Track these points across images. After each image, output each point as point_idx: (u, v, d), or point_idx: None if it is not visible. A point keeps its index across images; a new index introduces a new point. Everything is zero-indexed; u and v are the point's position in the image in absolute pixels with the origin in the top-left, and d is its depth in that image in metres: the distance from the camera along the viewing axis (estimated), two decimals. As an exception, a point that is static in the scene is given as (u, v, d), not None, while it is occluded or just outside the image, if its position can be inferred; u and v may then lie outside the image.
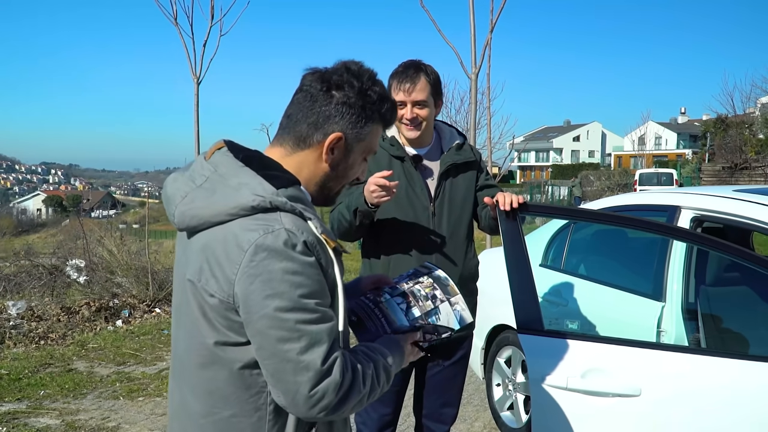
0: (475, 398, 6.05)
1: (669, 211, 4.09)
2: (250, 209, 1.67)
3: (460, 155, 3.44)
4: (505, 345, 5.15)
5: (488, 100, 10.58)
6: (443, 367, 3.58)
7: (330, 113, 1.82)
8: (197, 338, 1.75)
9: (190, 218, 1.74)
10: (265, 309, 1.61)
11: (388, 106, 1.90)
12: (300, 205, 1.72)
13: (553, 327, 4.15)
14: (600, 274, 4.77)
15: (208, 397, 1.77)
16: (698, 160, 41.28)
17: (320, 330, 1.63)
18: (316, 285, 1.66)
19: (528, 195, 42.51)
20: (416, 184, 3.35)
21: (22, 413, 5.72)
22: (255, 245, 1.62)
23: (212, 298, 1.68)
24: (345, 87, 1.82)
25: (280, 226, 1.64)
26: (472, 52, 8.80)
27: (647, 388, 2.93)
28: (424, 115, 3.29)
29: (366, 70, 1.87)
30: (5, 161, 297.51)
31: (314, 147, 1.84)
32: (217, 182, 1.74)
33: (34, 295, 10.47)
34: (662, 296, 3.96)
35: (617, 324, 4.15)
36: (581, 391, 2.98)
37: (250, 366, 1.71)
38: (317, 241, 1.70)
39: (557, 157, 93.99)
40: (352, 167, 1.92)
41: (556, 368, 3.03)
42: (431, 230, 3.35)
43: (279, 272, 1.61)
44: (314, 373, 1.62)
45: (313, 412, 1.65)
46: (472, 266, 3.48)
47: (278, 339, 1.62)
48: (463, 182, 3.45)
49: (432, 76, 3.29)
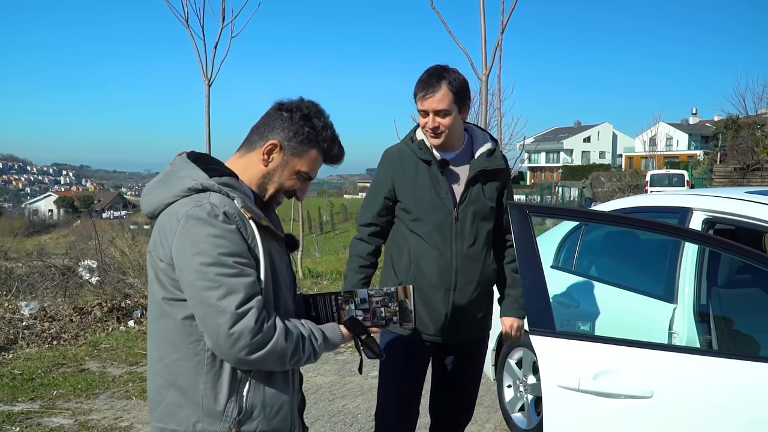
0: (486, 399, 6.05)
1: (680, 213, 4.09)
2: (187, 191, 2.11)
3: (491, 161, 3.45)
4: (516, 346, 5.15)
5: (499, 101, 10.60)
6: (460, 368, 3.64)
7: (274, 125, 2.27)
8: (153, 297, 2.18)
9: (149, 204, 2.20)
10: (192, 264, 2.02)
11: (328, 140, 2.31)
12: (228, 188, 2.14)
13: (565, 328, 4.15)
14: (611, 275, 4.76)
15: (161, 345, 2.18)
16: (710, 161, 41.04)
17: (237, 282, 2.03)
18: (236, 247, 2.05)
19: (538, 196, 42.44)
20: (441, 189, 3.39)
21: (35, 413, 5.76)
22: (186, 215, 2.06)
23: (161, 263, 2.10)
24: (293, 110, 2.28)
25: (207, 201, 2.07)
26: (482, 53, 8.79)
27: (659, 390, 2.92)
28: (447, 123, 3.30)
29: (317, 107, 2.33)
30: (17, 162, 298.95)
31: (257, 150, 2.28)
32: (170, 176, 2.20)
33: (47, 295, 10.53)
34: (674, 298, 3.96)
35: (629, 325, 4.14)
36: (593, 393, 2.97)
37: (190, 317, 2.09)
38: (238, 214, 2.09)
39: (568, 158, 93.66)
40: (288, 178, 2.30)
41: (567, 369, 3.03)
42: (452, 235, 3.40)
43: (203, 235, 2.03)
44: (230, 316, 1.99)
45: (233, 351, 2.02)
46: (489, 272, 3.52)
47: (202, 288, 2.01)
48: (490, 189, 3.47)
49: (456, 83, 3.29)
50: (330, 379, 6.56)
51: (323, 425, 5.54)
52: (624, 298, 4.32)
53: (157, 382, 2.20)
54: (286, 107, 2.29)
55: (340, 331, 2.36)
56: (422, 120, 3.35)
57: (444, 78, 3.27)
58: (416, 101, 3.34)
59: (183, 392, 2.13)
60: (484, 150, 3.45)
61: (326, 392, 6.35)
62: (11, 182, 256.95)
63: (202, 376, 2.11)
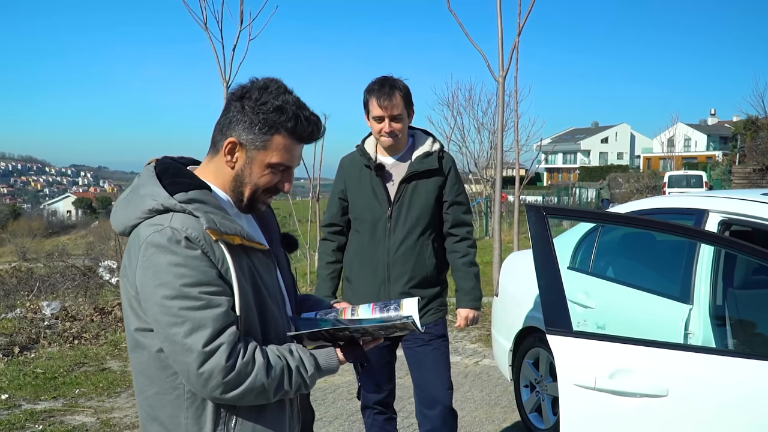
0: (503, 400, 6.09)
1: (697, 215, 4.10)
2: (148, 212, 1.90)
3: (423, 164, 3.76)
4: (533, 347, 5.19)
5: (515, 102, 10.61)
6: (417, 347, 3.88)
7: (231, 119, 1.99)
8: (127, 326, 1.98)
9: (117, 224, 2.01)
10: (154, 297, 1.83)
11: (291, 120, 1.98)
12: (192, 206, 1.89)
13: (581, 328, 4.18)
14: (628, 276, 4.78)
15: (138, 377, 2.00)
16: (728, 162, 40.79)
17: (204, 316, 1.82)
18: (201, 275, 1.84)
19: (555, 198, 42.32)
20: (378, 190, 3.78)
21: (58, 411, 5.86)
22: (146, 242, 1.85)
23: (131, 290, 1.91)
24: (243, 96, 1.99)
25: (167, 225, 1.85)
26: (499, 55, 8.85)
27: (674, 389, 2.95)
28: (399, 127, 3.68)
29: (275, 83, 2.01)
30: (36, 163, 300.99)
31: (221, 152, 2.01)
32: (134, 193, 1.98)
33: (68, 295, 10.66)
34: (690, 299, 3.97)
35: (644, 326, 4.15)
36: (609, 392, 3.01)
37: None
38: (203, 237, 1.86)
39: (585, 159, 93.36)
40: (260, 175, 2.02)
41: (584, 368, 3.07)
42: (386, 232, 3.77)
43: (164, 264, 1.82)
44: (197, 355, 1.81)
45: (206, 391, 1.85)
46: (426, 265, 3.81)
47: (166, 324, 1.83)
48: (425, 189, 3.78)
49: (404, 90, 3.68)
50: (348, 378, 6.61)
51: (341, 424, 5.60)
52: (640, 298, 4.34)
53: (141, 414, 2.05)
54: (237, 94, 2.00)
55: (337, 358, 2.08)
56: (377, 126, 3.69)
57: (396, 87, 3.64)
58: (369, 108, 3.69)
59: (165, 427, 1.97)
60: (420, 153, 3.78)
61: (344, 391, 6.41)
62: (30, 183, 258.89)
63: (183, 411, 1.94)
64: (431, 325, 3.83)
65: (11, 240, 38.40)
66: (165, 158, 2.08)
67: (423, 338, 3.80)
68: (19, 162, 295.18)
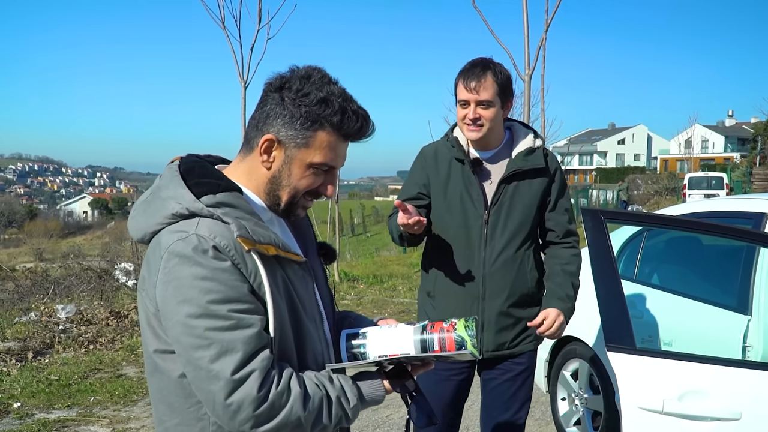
0: (536, 411, 5.82)
1: (755, 219, 3.86)
2: (171, 217, 1.66)
3: (527, 161, 3.17)
4: (572, 357, 4.91)
5: (542, 102, 10.35)
6: (501, 381, 3.35)
7: (268, 113, 1.74)
8: (145, 347, 1.74)
9: (135, 230, 1.77)
10: (177, 315, 1.59)
11: (338, 113, 1.72)
12: (221, 210, 1.65)
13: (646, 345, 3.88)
14: (677, 284, 4.51)
15: (158, 405, 1.77)
16: (748, 164, 40.37)
17: (233, 338, 1.58)
18: (230, 291, 1.60)
19: (573, 199, 41.98)
20: (473, 189, 3.16)
21: (72, 421, 5.64)
22: (168, 251, 1.61)
23: (150, 305, 1.67)
24: (284, 86, 1.73)
25: (192, 232, 1.61)
26: (525, 53, 8.60)
27: (748, 412, 2.70)
28: (488, 116, 3.06)
29: (318, 72, 1.75)
30: (52, 164, 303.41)
31: (256, 150, 1.76)
32: (155, 195, 1.73)
33: (83, 298, 10.49)
34: (748, 309, 3.74)
35: (698, 338, 3.91)
36: (678, 416, 2.74)
37: None
38: (233, 246, 1.63)
39: (601, 160, 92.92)
40: (301, 177, 1.77)
41: (650, 390, 2.79)
42: (482, 240, 3.16)
43: (188, 278, 1.58)
44: (225, 383, 1.57)
45: (234, 424, 1.61)
46: (526, 280, 3.21)
47: (190, 346, 1.59)
48: (528, 191, 3.18)
49: (501, 75, 3.07)
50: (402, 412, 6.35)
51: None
52: (691, 308, 4.08)
53: None
54: (275, 85, 1.75)
55: (383, 386, 1.84)
56: (462, 111, 3.11)
57: (489, 69, 3.06)
58: (456, 91, 3.12)
59: None
60: (523, 149, 3.19)
61: (394, 426, 6.14)
62: (46, 184, 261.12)
63: None
64: (525, 356, 3.29)
65: (27, 240, 38.57)
66: (190, 156, 1.82)
67: (512, 369, 3.28)
68: (36, 163, 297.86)
